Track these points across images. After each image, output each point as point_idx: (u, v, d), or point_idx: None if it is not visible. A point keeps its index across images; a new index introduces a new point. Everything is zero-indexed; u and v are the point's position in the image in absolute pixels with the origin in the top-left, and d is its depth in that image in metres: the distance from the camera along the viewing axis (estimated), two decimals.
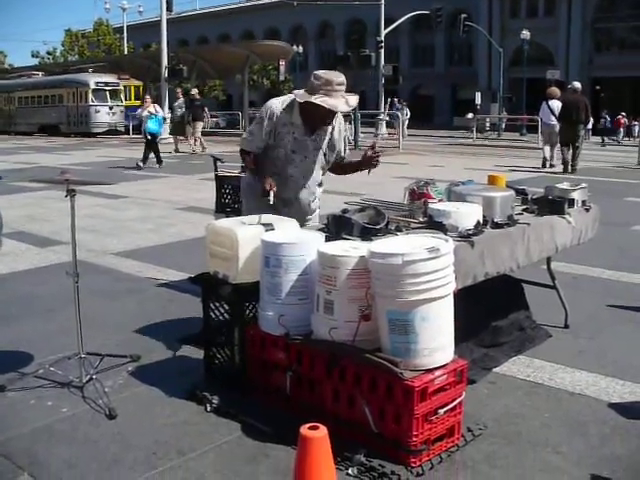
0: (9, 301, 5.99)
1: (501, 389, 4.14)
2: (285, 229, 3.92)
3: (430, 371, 3.23)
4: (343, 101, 4.22)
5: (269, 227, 3.88)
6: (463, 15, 41.97)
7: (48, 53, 67.11)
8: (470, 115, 38.25)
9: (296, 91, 4.37)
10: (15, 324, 5.36)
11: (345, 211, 4.02)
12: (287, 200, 4.49)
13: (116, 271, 7.09)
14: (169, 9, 33.75)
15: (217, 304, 4.07)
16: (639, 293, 6.19)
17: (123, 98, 39.50)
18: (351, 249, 3.44)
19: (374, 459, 3.19)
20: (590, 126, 28.26)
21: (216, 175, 6.62)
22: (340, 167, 4.69)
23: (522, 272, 4.73)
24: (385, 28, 35.85)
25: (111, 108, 38.48)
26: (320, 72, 4.28)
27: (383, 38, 35.77)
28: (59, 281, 4.75)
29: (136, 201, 12.26)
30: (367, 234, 3.76)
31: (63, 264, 6.68)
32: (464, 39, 50.82)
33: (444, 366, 3.29)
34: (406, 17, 38.17)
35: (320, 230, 3.97)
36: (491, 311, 4.70)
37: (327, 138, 4.51)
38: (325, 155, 4.54)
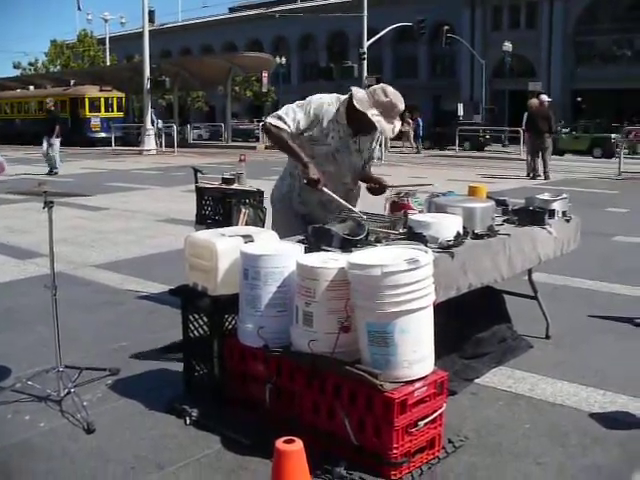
0: None
1: (482, 400, 4.13)
2: (264, 241, 3.90)
3: (410, 383, 3.21)
4: (391, 127, 4.27)
5: (248, 239, 3.86)
6: (445, 27, 42.25)
7: (30, 64, 66.73)
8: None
9: (356, 90, 4.33)
10: None
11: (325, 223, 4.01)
12: (324, 200, 4.52)
13: (96, 283, 7.04)
14: (151, 20, 33.70)
15: (196, 316, 4.05)
16: (620, 303, 6.22)
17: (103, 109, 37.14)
18: (330, 260, 3.43)
19: (354, 472, 3.17)
20: None
21: (197, 187, 6.58)
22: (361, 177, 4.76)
23: (503, 283, 4.73)
24: (368, 40, 35.93)
25: None
26: (389, 90, 4.27)
27: (366, 50, 35.85)
28: (39, 293, 4.69)
29: (117, 213, 12.21)
30: (347, 245, 3.74)
31: (43, 276, 6.61)
32: (447, 51, 51.26)
33: (424, 378, 3.28)
34: (389, 29, 38.33)
35: (299, 241, 3.96)
36: (472, 322, 4.69)
37: (367, 143, 4.59)
38: (362, 159, 4.63)
